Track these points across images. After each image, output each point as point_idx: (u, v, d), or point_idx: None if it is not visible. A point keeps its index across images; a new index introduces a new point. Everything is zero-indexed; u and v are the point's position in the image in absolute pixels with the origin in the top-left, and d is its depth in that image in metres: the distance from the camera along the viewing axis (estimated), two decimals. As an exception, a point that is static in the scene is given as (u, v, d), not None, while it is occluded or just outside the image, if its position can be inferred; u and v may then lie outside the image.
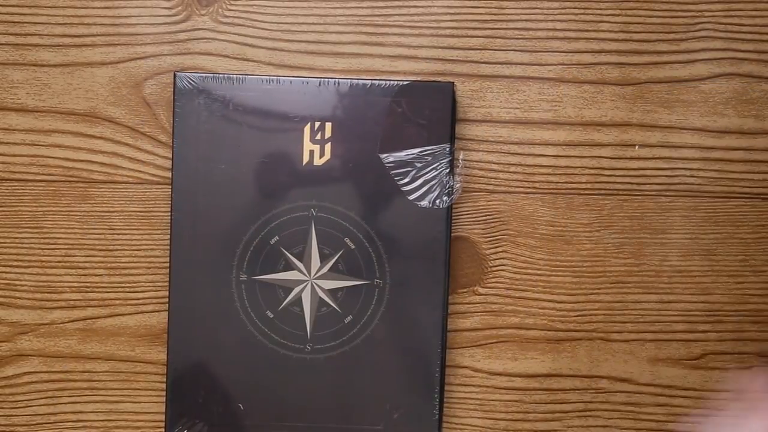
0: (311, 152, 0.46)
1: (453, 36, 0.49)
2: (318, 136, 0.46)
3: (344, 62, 0.49)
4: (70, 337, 0.50)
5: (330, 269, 0.47)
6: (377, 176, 0.46)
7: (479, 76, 0.49)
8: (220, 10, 0.49)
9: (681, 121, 0.50)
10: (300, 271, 0.47)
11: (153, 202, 0.49)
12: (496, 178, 0.49)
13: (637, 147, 0.50)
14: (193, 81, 0.46)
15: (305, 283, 0.47)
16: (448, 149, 0.46)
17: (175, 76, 0.46)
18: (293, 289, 0.47)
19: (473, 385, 0.50)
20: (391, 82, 0.46)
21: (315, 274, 0.47)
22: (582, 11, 0.49)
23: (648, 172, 0.50)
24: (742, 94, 0.50)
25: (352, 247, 0.47)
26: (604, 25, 0.49)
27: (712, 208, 0.50)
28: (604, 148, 0.50)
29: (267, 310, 0.47)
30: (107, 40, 0.49)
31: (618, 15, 0.49)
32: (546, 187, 0.50)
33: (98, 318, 0.50)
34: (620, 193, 0.50)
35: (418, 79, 0.49)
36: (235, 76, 0.46)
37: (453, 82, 0.47)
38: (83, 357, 0.50)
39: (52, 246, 0.49)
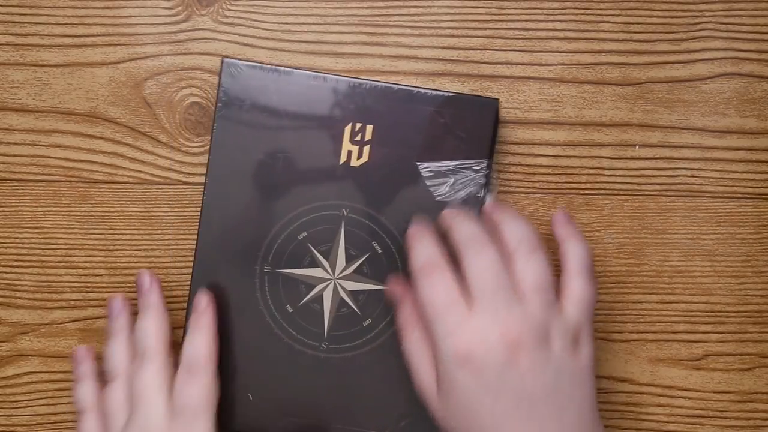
0: (349, 153, 0.46)
1: (453, 36, 0.49)
2: (358, 138, 0.46)
3: (344, 62, 0.49)
4: (70, 337, 0.50)
5: (354, 271, 0.47)
6: (412, 184, 0.46)
7: (479, 76, 0.49)
8: (220, 10, 0.49)
9: (682, 121, 0.50)
10: (324, 269, 0.47)
11: (153, 202, 0.49)
12: (496, 179, 0.49)
13: (637, 147, 0.50)
14: (240, 69, 0.46)
15: (328, 282, 0.47)
16: (485, 164, 0.46)
17: (222, 62, 0.46)
18: (316, 286, 0.47)
19: (473, 386, 0.50)
20: (438, 92, 0.46)
21: (339, 273, 0.47)
22: (582, 11, 0.49)
23: (648, 172, 0.50)
24: (743, 93, 0.50)
25: (379, 251, 0.47)
26: (605, 25, 0.49)
27: (714, 208, 0.50)
28: (604, 148, 0.49)
29: (287, 304, 0.47)
30: (107, 41, 0.49)
31: (618, 15, 0.49)
32: (546, 187, 0.50)
33: (98, 318, 0.50)
34: (620, 193, 0.50)
35: (462, 91, 0.48)
36: (282, 68, 0.46)
37: (498, 99, 0.46)
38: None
39: (53, 246, 0.50)
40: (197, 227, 0.47)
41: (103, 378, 0.47)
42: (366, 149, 0.46)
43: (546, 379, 0.40)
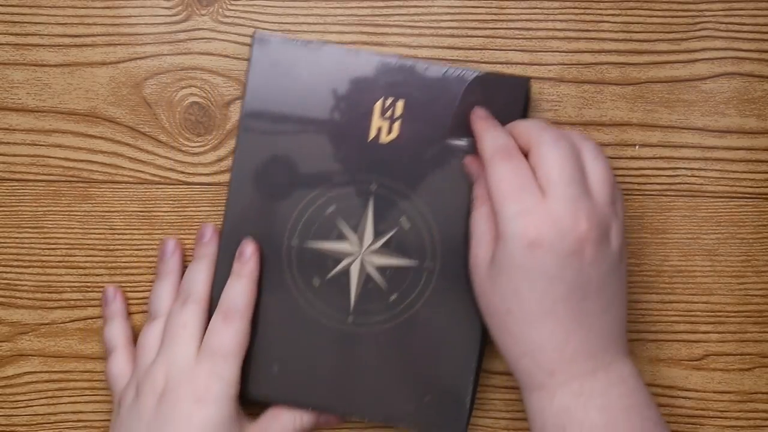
0: (379, 128, 0.46)
1: (453, 36, 0.49)
2: (388, 113, 0.46)
3: (344, 62, 0.49)
4: (70, 337, 0.50)
5: (382, 246, 0.47)
6: (442, 161, 0.46)
7: (479, 75, 0.49)
8: (220, 10, 0.49)
9: (682, 120, 0.50)
10: (352, 243, 0.47)
11: (153, 202, 0.49)
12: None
13: (637, 147, 0.50)
14: (270, 42, 0.46)
15: (356, 256, 0.47)
16: None
17: (254, 34, 0.46)
18: (342, 260, 0.47)
19: (473, 386, 0.50)
20: (470, 71, 0.46)
21: (366, 248, 0.47)
22: (582, 11, 0.49)
23: (648, 172, 0.50)
24: (743, 93, 0.50)
25: (407, 227, 0.47)
26: (605, 25, 0.49)
27: (714, 208, 0.50)
28: (604, 147, 0.49)
29: (314, 278, 0.47)
30: (107, 40, 0.49)
31: (618, 15, 0.49)
32: (546, 186, 0.49)
33: (99, 318, 0.50)
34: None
35: (495, 69, 0.48)
36: (314, 42, 0.46)
37: (530, 78, 0.46)
38: (84, 357, 0.50)
39: (53, 246, 0.50)
40: (226, 197, 0.47)
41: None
42: (396, 125, 0.46)
43: (600, 275, 0.41)
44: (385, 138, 0.46)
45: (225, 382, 0.44)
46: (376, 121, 0.46)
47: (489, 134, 0.43)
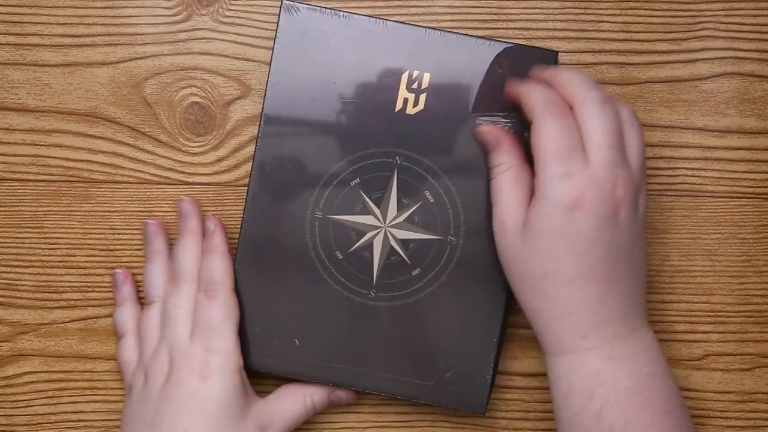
0: (405, 100, 0.46)
1: (453, 36, 0.49)
2: (414, 85, 0.46)
3: (344, 62, 0.49)
4: (70, 337, 0.50)
5: (405, 219, 0.47)
6: (466, 134, 0.46)
7: (479, 75, 0.49)
8: (220, 10, 0.49)
9: (682, 120, 0.50)
10: (376, 216, 0.47)
11: (154, 202, 0.49)
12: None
13: (637, 146, 0.49)
14: (298, 11, 0.46)
15: (379, 230, 0.47)
16: None
17: (282, 3, 0.46)
18: (366, 233, 0.47)
19: (473, 386, 0.50)
20: (497, 42, 0.46)
21: (390, 221, 0.47)
22: (582, 11, 0.49)
23: (649, 172, 0.50)
24: (743, 93, 0.50)
25: (431, 200, 0.46)
26: (605, 25, 0.49)
27: (714, 208, 0.50)
28: (604, 147, 0.49)
29: (337, 251, 0.47)
30: (108, 40, 0.49)
31: (618, 15, 0.49)
32: (546, 186, 0.49)
33: (99, 318, 0.50)
34: (621, 192, 0.50)
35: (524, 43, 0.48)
36: (342, 12, 0.46)
37: (557, 52, 0.46)
38: (84, 357, 0.50)
39: (53, 246, 0.50)
40: (250, 168, 0.47)
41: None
42: (422, 97, 0.46)
43: (630, 239, 0.42)
44: (411, 110, 0.46)
45: (222, 356, 0.44)
46: (403, 93, 0.46)
47: (539, 90, 0.43)
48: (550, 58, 0.46)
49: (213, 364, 0.44)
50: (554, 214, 0.41)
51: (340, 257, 0.47)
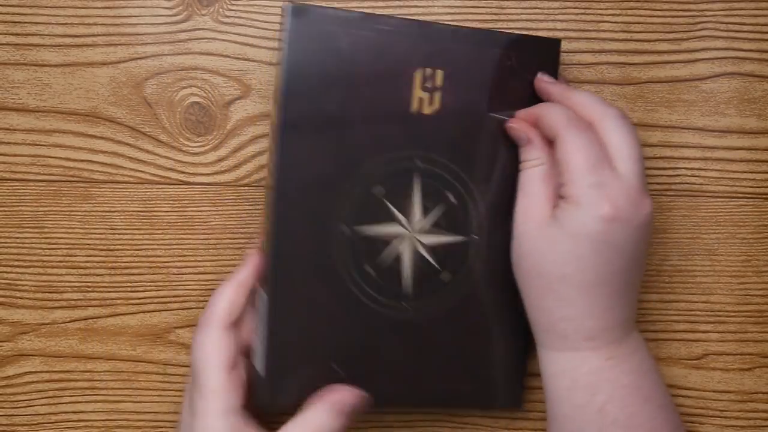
0: (420, 100, 0.45)
1: (453, 36, 0.49)
2: (429, 84, 0.44)
3: (345, 62, 0.49)
4: (71, 337, 0.50)
5: (431, 224, 0.45)
6: (484, 131, 0.45)
7: (480, 75, 0.49)
8: (220, 10, 0.49)
9: (682, 120, 0.50)
10: (401, 224, 0.45)
11: (154, 202, 0.49)
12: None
13: (637, 147, 0.50)
14: (307, 13, 0.43)
15: (406, 238, 0.45)
16: None
17: (288, 6, 0.43)
18: (392, 242, 0.45)
19: (474, 385, 0.50)
20: (504, 33, 0.45)
21: (416, 228, 0.45)
22: (582, 11, 0.49)
23: (649, 172, 0.50)
24: (743, 93, 0.50)
25: (454, 202, 0.45)
26: (605, 24, 0.49)
27: (714, 207, 0.50)
28: (604, 147, 0.49)
29: (365, 264, 0.45)
30: (108, 40, 0.49)
31: (618, 15, 0.49)
32: (546, 186, 0.50)
33: (99, 318, 0.50)
34: (621, 192, 0.50)
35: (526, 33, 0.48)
36: (351, 13, 0.44)
37: (559, 40, 0.46)
38: (84, 357, 0.50)
39: (53, 246, 0.50)
40: (272, 189, 0.44)
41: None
42: (437, 96, 0.45)
43: (645, 249, 0.44)
44: (427, 110, 0.45)
45: (206, 397, 0.42)
46: (417, 92, 0.44)
47: (555, 108, 0.44)
48: (555, 45, 0.46)
49: (198, 407, 0.42)
50: (588, 221, 0.41)
51: (369, 270, 0.45)
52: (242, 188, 0.49)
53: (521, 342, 0.47)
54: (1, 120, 0.49)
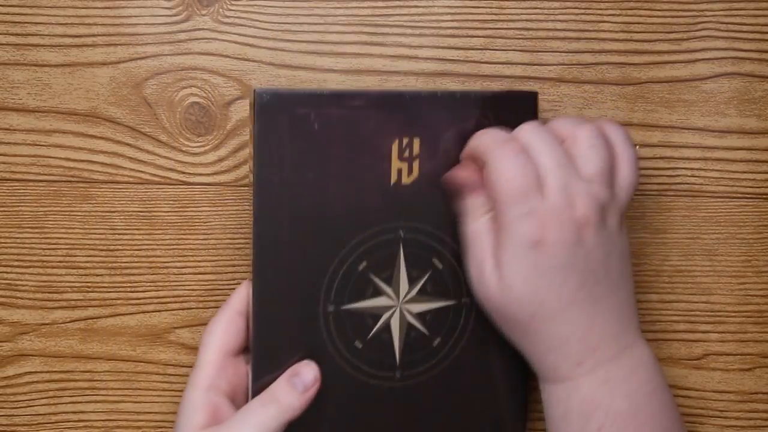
0: (399, 171, 0.43)
1: (454, 36, 0.49)
2: (406, 153, 0.43)
3: (345, 62, 0.49)
4: (71, 337, 0.50)
5: (418, 292, 0.45)
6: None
7: (480, 76, 0.49)
8: (220, 10, 0.49)
9: (682, 120, 0.50)
10: (389, 296, 0.44)
11: (154, 202, 0.49)
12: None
13: (637, 147, 0.50)
14: (274, 98, 0.41)
15: (394, 309, 0.45)
16: None
17: (254, 93, 0.41)
18: (382, 315, 0.45)
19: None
20: (478, 92, 0.45)
21: (404, 298, 0.45)
22: (582, 11, 0.49)
23: (649, 172, 0.50)
24: (743, 93, 0.50)
25: (440, 267, 0.45)
26: (605, 25, 0.49)
27: (714, 208, 0.50)
28: (604, 147, 0.49)
29: (356, 341, 0.44)
30: (108, 40, 0.49)
31: (618, 15, 0.49)
32: (546, 187, 0.49)
33: (99, 318, 0.50)
34: (621, 193, 0.50)
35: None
36: (318, 92, 0.42)
37: (536, 92, 0.46)
38: (84, 357, 0.50)
39: (53, 246, 0.50)
40: (251, 274, 0.43)
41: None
42: (415, 164, 0.43)
43: (604, 257, 0.41)
44: (406, 179, 0.43)
45: (194, 370, 0.44)
46: (395, 164, 0.43)
47: (484, 133, 0.43)
48: (532, 99, 0.45)
49: (188, 380, 0.44)
50: (522, 254, 0.40)
51: (360, 346, 0.44)
52: (242, 188, 0.49)
53: (520, 400, 0.47)
54: (1, 120, 0.49)
